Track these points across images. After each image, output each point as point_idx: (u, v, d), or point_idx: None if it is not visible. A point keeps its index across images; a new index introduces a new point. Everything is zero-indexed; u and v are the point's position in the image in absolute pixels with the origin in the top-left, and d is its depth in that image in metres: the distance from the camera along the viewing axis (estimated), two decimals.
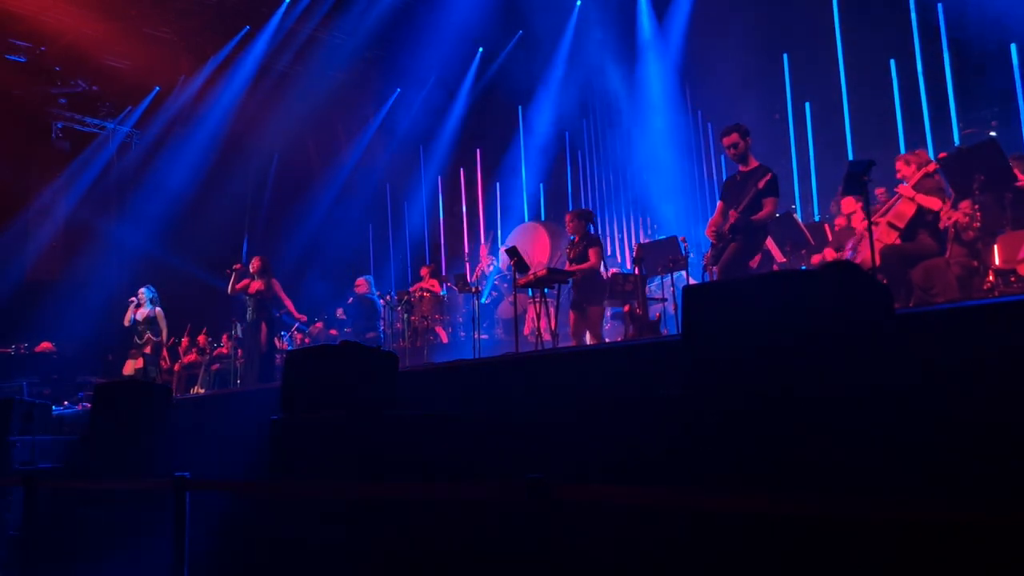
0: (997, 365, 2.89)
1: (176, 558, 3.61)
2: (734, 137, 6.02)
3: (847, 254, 6.74)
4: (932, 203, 5.95)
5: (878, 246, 5.65)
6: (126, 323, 10.65)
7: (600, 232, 11.51)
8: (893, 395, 2.34)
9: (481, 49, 13.36)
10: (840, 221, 7.83)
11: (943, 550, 2.10)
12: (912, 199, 5.97)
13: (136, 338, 10.49)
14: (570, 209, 10.01)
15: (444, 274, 12.38)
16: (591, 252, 7.50)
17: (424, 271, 11.92)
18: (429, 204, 14.84)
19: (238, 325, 10.79)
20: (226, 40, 12.96)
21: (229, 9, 12.40)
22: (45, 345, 11.56)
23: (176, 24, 12.53)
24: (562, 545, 2.46)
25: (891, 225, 6.06)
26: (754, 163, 5.98)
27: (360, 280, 11.32)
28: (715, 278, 5.87)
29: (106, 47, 12.11)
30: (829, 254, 7.24)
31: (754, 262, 5.98)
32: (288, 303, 9.71)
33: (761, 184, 5.72)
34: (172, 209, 13.92)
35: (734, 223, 5.78)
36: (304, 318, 10.85)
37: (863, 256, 6.14)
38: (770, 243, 7.23)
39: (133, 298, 10.73)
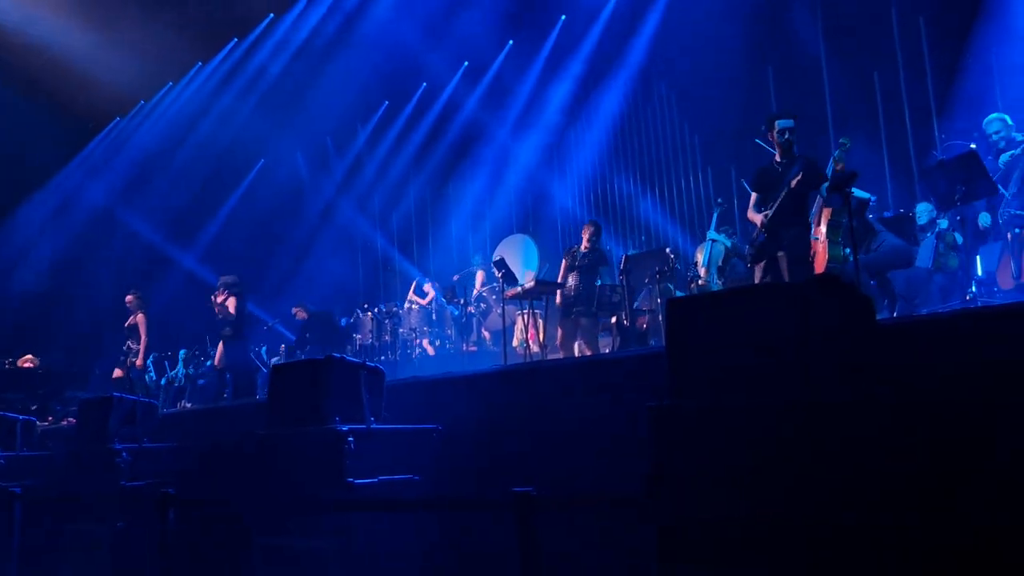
0: (979, 374, 2.92)
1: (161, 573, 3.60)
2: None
3: None
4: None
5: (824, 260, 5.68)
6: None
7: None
8: (877, 405, 2.36)
9: (466, 63, 13.39)
10: None
11: (929, 555, 2.12)
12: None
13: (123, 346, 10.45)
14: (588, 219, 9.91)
15: (432, 287, 12.33)
16: (604, 271, 7.61)
17: (412, 284, 11.92)
18: (418, 215, 14.82)
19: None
20: (214, 52, 12.97)
21: (218, 21, 12.41)
22: (27, 359, 11.39)
23: (164, 36, 12.52)
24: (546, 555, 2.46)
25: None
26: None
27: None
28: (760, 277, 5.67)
29: (93, 59, 12.08)
30: None
31: None
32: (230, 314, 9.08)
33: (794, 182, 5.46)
34: (160, 222, 13.88)
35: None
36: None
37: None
38: None
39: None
